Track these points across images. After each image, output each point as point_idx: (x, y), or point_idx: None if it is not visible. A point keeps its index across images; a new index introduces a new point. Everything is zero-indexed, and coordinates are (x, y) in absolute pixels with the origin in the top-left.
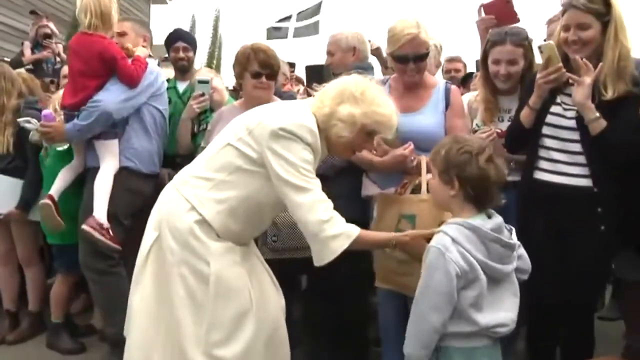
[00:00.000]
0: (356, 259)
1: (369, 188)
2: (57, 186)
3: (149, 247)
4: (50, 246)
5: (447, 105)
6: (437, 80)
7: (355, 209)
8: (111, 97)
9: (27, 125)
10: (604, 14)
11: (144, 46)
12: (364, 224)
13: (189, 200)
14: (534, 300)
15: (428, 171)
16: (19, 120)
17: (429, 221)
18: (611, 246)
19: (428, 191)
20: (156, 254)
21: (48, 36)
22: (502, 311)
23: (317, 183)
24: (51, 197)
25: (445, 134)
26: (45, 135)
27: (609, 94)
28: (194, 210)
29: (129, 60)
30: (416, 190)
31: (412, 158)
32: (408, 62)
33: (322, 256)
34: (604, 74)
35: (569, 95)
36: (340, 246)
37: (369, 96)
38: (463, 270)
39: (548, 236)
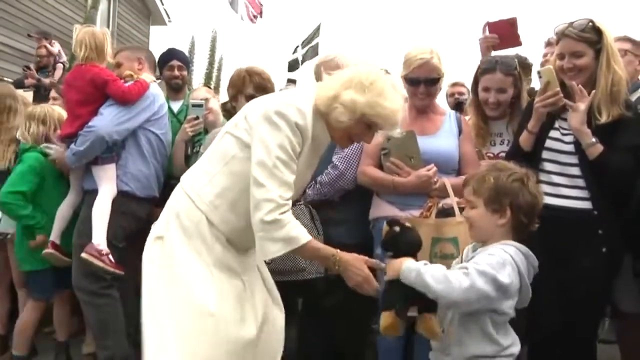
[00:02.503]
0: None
1: (385, 208)
2: (58, 228)
3: (150, 246)
4: None
5: (460, 131)
6: (445, 109)
7: (361, 233)
8: (104, 122)
9: (48, 151)
10: (596, 42)
11: (139, 68)
12: (370, 247)
13: (190, 197)
14: (534, 326)
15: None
16: (41, 145)
17: (468, 243)
18: (613, 268)
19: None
20: (159, 252)
21: (43, 56)
22: (512, 331)
23: (282, 179)
24: (53, 244)
25: (459, 158)
26: (57, 164)
27: (604, 118)
28: (195, 207)
29: (131, 82)
30: (441, 213)
31: (435, 180)
32: (419, 84)
33: (259, 254)
34: (598, 99)
35: (566, 119)
36: (275, 251)
37: (377, 87)
38: (513, 288)
39: (549, 259)
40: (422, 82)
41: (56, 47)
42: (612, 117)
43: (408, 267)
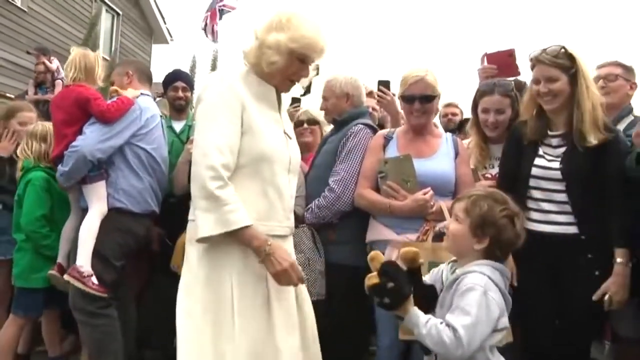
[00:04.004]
0: (352, 304)
1: (382, 232)
2: (64, 250)
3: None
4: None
5: (456, 154)
6: (442, 131)
7: (361, 254)
8: (87, 141)
9: None
10: (570, 67)
11: (128, 82)
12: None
13: None
14: (529, 348)
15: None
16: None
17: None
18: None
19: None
20: (184, 276)
21: (41, 72)
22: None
23: (213, 146)
24: (59, 267)
25: (455, 180)
26: None
27: (594, 141)
28: None
29: (113, 100)
30: (437, 236)
31: (432, 203)
32: (414, 101)
33: (196, 230)
34: (583, 123)
35: (550, 146)
36: (209, 231)
37: (294, 22)
38: (501, 309)
39: (543, 285)
40: (417, 98)
41: (54, 64)
42: (598, 140)
43: (411, 321)
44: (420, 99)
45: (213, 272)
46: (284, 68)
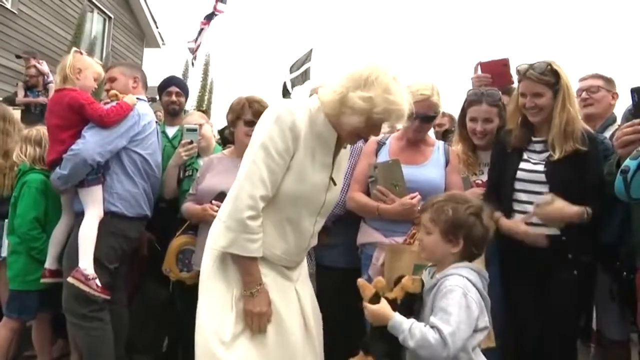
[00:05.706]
0: (343, 305)
1: (371, 235)
2: (53, 254)
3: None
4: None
5: (447, 162)
6: (435, 139)
7: (353, 257)
8: (87, 145)
9: None
10: (554, 84)
11: (134, 87)
12: (360, 273)
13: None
14: (517, 346)
15: None
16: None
17: None
18: (585, 289)
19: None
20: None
21: (33, 76)
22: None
23: (258, 176)
24: (50, 272)
25: (445, 188)
26: None
27: (557, 154)
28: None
29: (114, 104)
30: None
31: (419, 207)
32: (415, 119)
33: (215, 240)
34: (552, 137)
35: (535, 151)
36: (225, 246)
37: (382, 83)
38: (480, 308)
39: (528, 284)
40: (418, 117)
41: (44, 67)
42: (566, 152)
43: (394, 327)
44: (422, 118)
45: (226, 275)
46: (358, 127)
